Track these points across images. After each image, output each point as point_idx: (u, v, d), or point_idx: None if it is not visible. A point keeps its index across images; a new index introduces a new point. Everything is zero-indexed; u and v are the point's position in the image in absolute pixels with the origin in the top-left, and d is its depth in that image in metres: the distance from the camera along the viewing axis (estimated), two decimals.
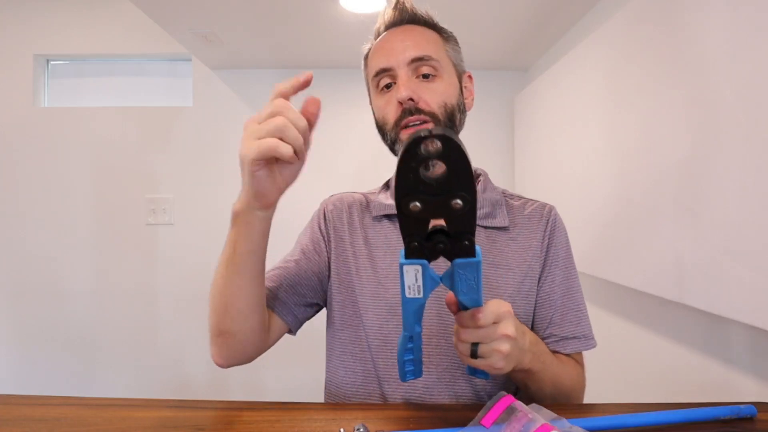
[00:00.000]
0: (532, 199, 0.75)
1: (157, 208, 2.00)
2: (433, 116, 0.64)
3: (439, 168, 0.39)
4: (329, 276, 0.74)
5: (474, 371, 0.54)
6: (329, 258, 0.74)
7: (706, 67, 0.79)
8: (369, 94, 0.76)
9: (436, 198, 0.39)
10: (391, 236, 0.71)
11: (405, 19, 0.71)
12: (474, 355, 0.49)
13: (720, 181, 0.76)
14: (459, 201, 0.39)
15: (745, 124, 0.71)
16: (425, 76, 0.66)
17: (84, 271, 2.00)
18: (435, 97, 0.65)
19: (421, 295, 0.45)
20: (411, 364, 0.53)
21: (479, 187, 0.73)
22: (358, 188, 0.85)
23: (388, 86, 0.68)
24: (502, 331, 0.48)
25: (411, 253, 0.43)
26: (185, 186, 2.01)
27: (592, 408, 0.59)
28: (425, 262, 0.43)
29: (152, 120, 2.00)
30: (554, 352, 0.66)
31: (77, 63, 2.08)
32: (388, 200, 0.74)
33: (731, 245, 0.74)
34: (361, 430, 0.48)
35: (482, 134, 2.05)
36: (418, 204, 0.40)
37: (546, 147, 1.58)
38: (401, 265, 0.43)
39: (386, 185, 0.80)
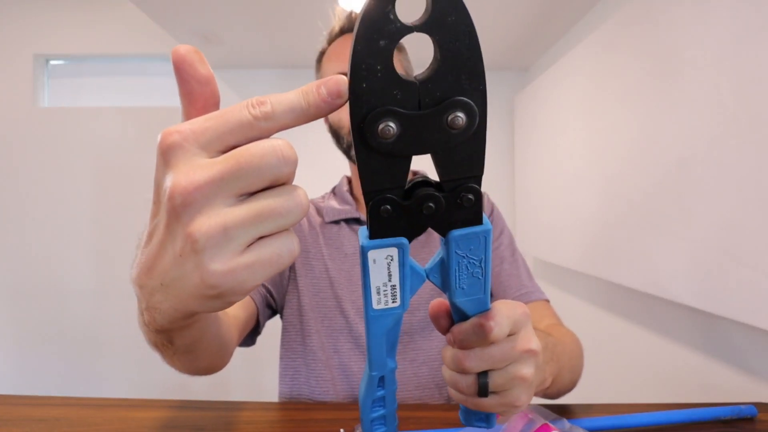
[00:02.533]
0: None
1: None
2: None
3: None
4: (289, 277, 0.72)
5: (471, 418, 0.35)
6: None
7: (707, 66, 0.79)
8: None
9: (422, 113, 0.23)
10: (346, 240, 0.72)
11: None
12: (484, 391, 0.32)
13: (720, 181, 0.76)
14: (460, 115, 0.23)
15: (746, 124, 0.71)
16: None
17: (84, 270, 2.00)
18: None
19: (398, 303, 0.27)
20: (381, 424, 0.34)
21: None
22: None
23: None
24: (524, 347, 0.32)
25: (380, 227, 0.25)
26: None
27: (592, 408, 0.59)
28: (405, 241, 0.26)
29: (152, 120, 2.00)
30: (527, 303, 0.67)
31: (77, 63, 2.08)
32: (340, 205, 0.75)
33: (731, 245, 0.74)
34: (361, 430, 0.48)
35: None
36: (391, 125, 0.23)
37: (546, 147, 1.58)
38: (364, 251, 0.25)
39: (333, 192, 0.81)
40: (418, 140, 0.23)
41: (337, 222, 0.74)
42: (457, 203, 0.26)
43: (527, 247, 1.79)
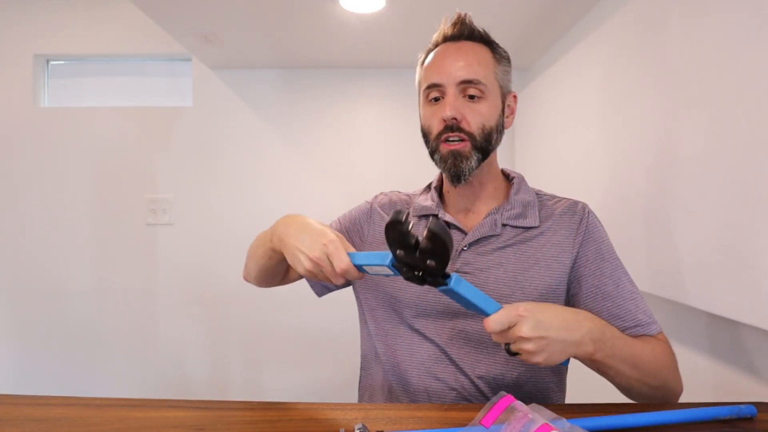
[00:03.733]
0: (564, 198, 0.79)
1: (157, 208, 2.00)
2: (471, 136, 0.71)
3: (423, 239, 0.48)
4: None
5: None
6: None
7: (706, 66, 0.79)
8: (418, 98, 0.79)
9: (416, 254, 0.50)
10: None
11: (463, 34, 0.74)
12: (509, 352, 0.55)
13: (721, 180, 0.76)
14: (433, 263, 0.49)
15: (747, 123, 0.71)
16: (471, 97, 0.71)
17: (84, 271, 2.00)
18: (476, 118, 0.71)
19: (362, 278, 0.63)
20: None
21: (512, 190, 0.77)
22: (359, 186, 0.91)
23: (436, 99, 0.73)
24: (516, 334, 0.53)
25: (398, 263, 0.53)
26: (185, 186, 2.01)
27: (592, 408, 0.59)
28: (397, 275, 0.54)
29: (152, 120, 2.00)
30: None
31: (77, 63, 2.08)
32: (426, 201, 0.80)
33: (731, 245, 0.74)
34: (361, 430, 0.48)
35: None
36: (402, 252, 0.51)
37: (546, 146, 1.58)
38: (390, 262, 0.53)
39: (427, 187, 0.85)
40: (412, 262, 0.52)
41: (419, 219, 0.80)
42: (428, 279, 0.52)
43: None
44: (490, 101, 0.72)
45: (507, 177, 0.82)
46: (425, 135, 0.75)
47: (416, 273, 0.52)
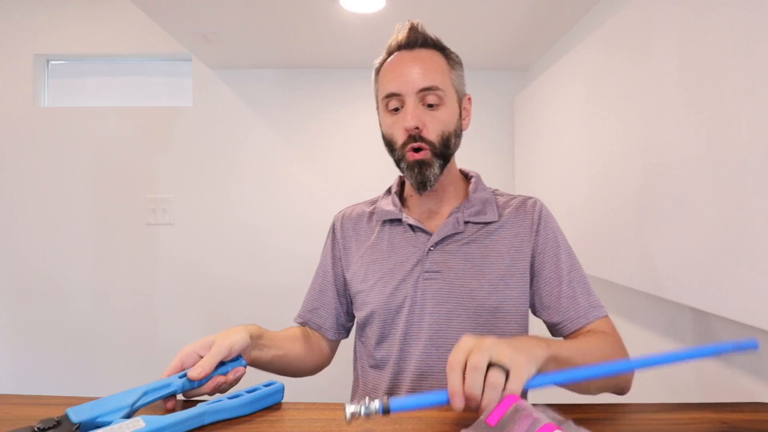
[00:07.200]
0: (517, 194, 0.82)
1: (157, 208, 2.00)
2: (431, 144, 0.72)
3: None
4: (346, 287, 0.84)
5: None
6: (343, 274, 0.84)
7: (705, 67, 0.79)
8: (377, 106, 0.80)
9: None
10: (393, 239, 0.79)
11: (418, 41, 0.74)
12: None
13: (720, 180, 0.76)
14: None
15: (745, 124, 0.71)
16: (430, 105, 0.72)
17: (84, 271, 2.00)
18: (436, 126, 0.72)
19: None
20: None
21: (471, 189, 0.81)
22: (359, 186, 0.92)
23: (395, 109, 0.73)
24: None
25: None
26: (185, 186, 2.01)
27: (592, 408, 0.59)
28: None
29: (152, 120, 2.00)
30: (575, 330, 0.71)
31: (77, 63, 2.08)
32: (388, 206, 0.82)
33: (730, 245, 0.74)
34: (369, 403, 0.46)
35: (482, 134, 2.04)
36: None
37: (546, 147, 1.58)
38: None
39: (388, 191, 0.87)
40: None
41: (382, 224, 0.82)
42: None
43: None
44: (448, 107, 0.73)
45: (466, 176, 0.84)
46: (389, 144, 0.76)
47: None
